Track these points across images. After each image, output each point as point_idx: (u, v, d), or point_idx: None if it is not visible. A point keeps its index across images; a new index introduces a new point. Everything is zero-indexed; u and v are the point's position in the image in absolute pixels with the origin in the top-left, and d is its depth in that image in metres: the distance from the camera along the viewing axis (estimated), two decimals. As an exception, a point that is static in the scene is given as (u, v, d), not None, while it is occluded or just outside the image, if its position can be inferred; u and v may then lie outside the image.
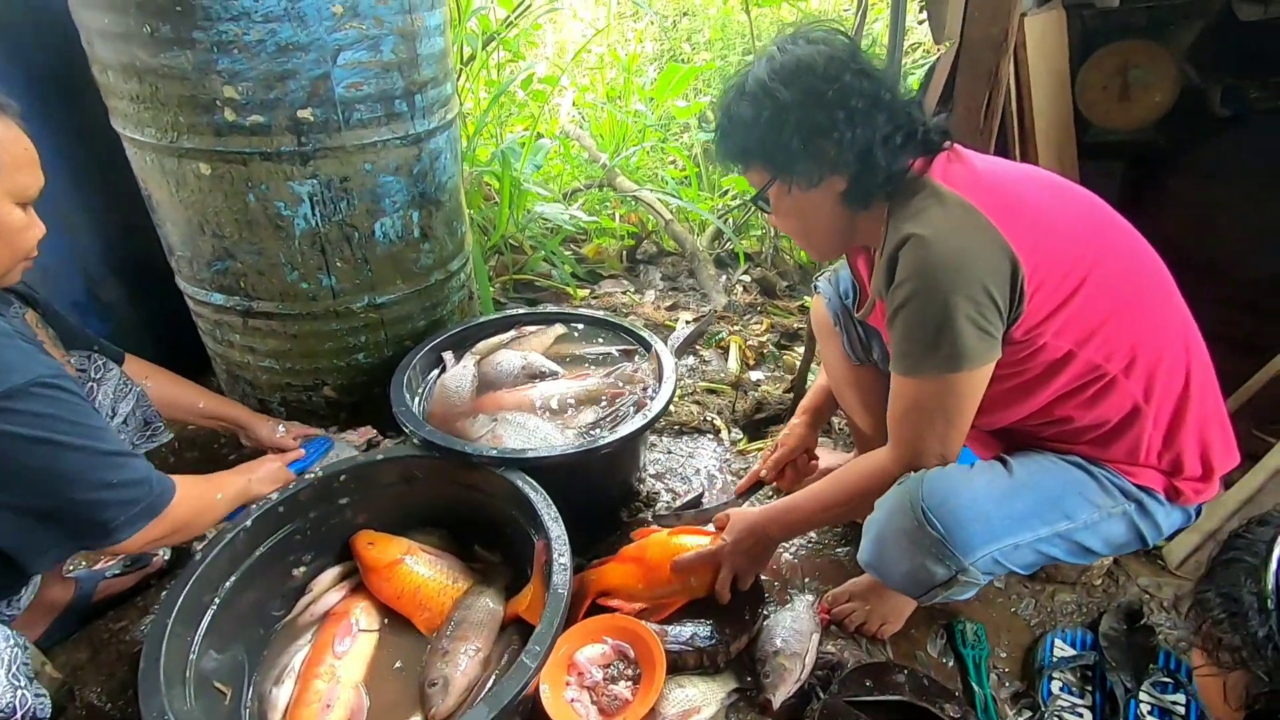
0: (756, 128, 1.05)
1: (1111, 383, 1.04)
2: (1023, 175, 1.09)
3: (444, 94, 1.68)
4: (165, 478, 1.14)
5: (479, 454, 1.38)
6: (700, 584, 1.38)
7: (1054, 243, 0.99)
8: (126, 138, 1.54)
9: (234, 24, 1.32)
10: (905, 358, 1.05)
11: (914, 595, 1.11)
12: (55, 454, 0.97)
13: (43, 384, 0.97)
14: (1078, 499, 1.07)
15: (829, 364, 1.56)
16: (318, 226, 1.57)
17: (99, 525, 1.04)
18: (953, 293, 0.95)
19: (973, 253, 0.95)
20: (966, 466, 1.09)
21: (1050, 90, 2.25)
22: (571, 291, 2.86)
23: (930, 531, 1.03)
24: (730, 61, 4.68)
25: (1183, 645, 1.40)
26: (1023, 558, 1.07)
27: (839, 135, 1.01)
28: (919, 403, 1.06)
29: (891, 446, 1.15)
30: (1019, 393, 1.09)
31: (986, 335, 0.98)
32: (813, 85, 1.01)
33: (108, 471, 1.03)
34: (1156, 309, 1.07)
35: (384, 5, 1.43)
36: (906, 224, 1.01)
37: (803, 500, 1.28)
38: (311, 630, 1.34)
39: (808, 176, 1.06)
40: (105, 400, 1.40)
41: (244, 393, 1.87)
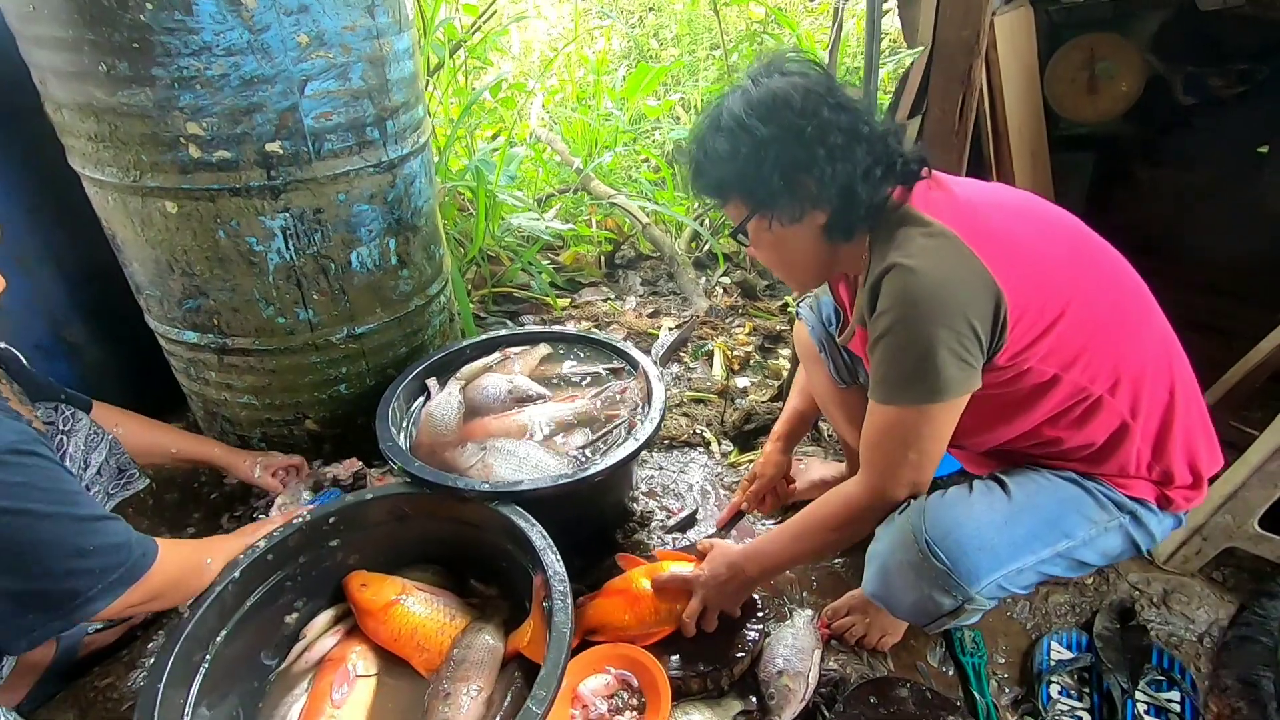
0: (734, 163, 1.03)
1: (1098, 403, 1.05)
2: (1001, 201, 1.09)
3: (416, 117, 1.64)
4: (146, 540, 1.09)
5: (471, 489, 1.36)
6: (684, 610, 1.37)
7: (1035, 271, 1.00)
8: (86, 177, 1.48)
9: (195, 59, 1.27)
10: (883, 385, 1.05)
11: (921, 624, 1.12)
12: (30, 524, 0.93)
13: (14, 452, 0.93)
14: (1075, 516, 1.08)
15: (815, 386, 1.57)
16: (292, 260, 1.52)
17: (73, 595, 0.99)
18: (935, 324, 0.95)
19: (956, 284, 0.95)
20: (965, 492, 1.10)
21: (1020, 87, 2.26)
22: (552, 302, 2.83)
23: (935, 564, 1.03)
24: (699, 57, 4.66)
25: (1174, 642, 1.43)
26: (1025, 580, 1.08)
27: (819, 171, 1.00)
28: (894, 430, 1.06)
29: (863, 474, 1.14)
30: (1007, 414, 1.09)
31: (966, 365, 0.98)
32: (791, 121, 0.99)
33: (83, 538, 0.99)
34: (1138, 326, 1.08)
35: (351, 32, 1.39)
36: (890, 253, 1.00)
37: (780, 536, 1.27)
38: (308, 678, 1.31)
39: (789, 212, 1.05)
40: (77, 452, 1.35)
41: (222, 429, 1.82)
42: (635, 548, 1.66)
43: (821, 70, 1.06)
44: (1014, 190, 1.14)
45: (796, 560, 1.30)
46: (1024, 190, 1.16)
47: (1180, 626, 1.46)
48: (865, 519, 1.17)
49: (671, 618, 1.37)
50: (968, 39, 1.85)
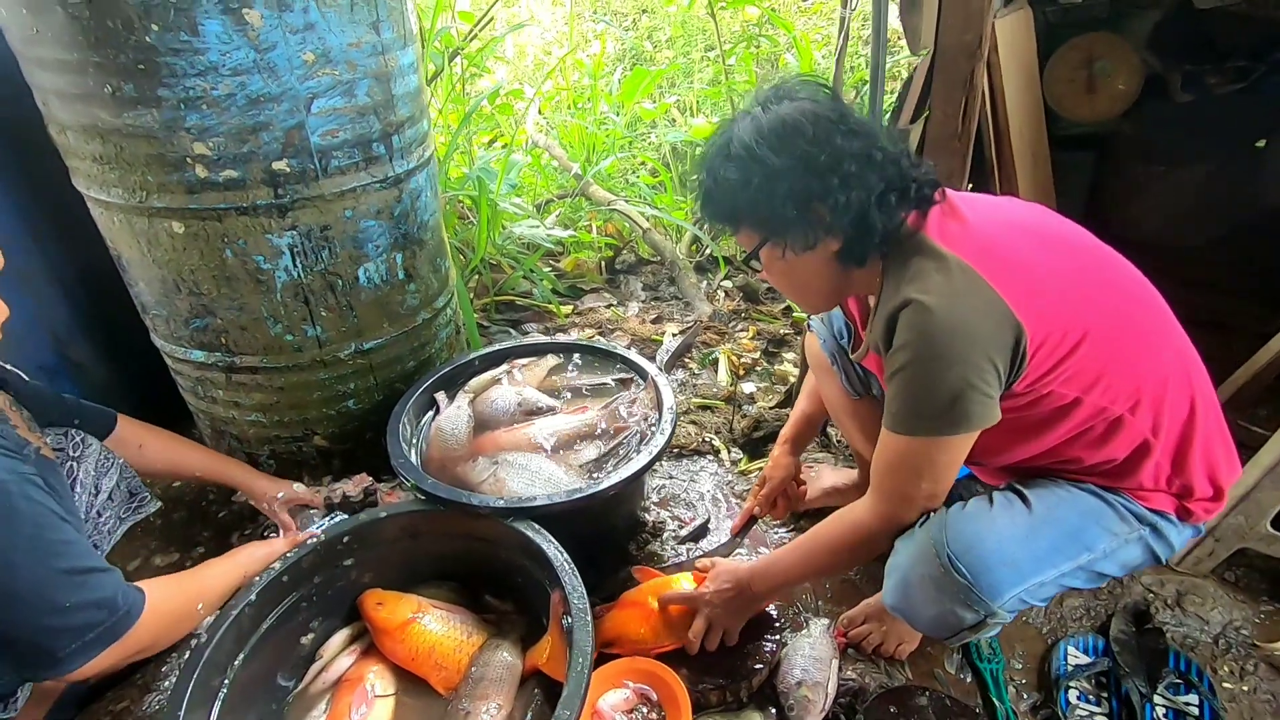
0: (746, 193, 1.01)
1: (1118, 422, 1.04)
2: (1016, 224, 1.07)
3: (421, 131, 1.64)
4: (134, 595, 1.05)
5: (486, 505, 1.36)
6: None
7: (1055, 299, 0.99)
8: (91, 198, 1.47)
9: (201, 79, 1.26)
10: (899, 416, 1.04)
11: (942, 638, 1.12)
12: (4, 574, 0.89)
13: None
14: (1096, 529, 1.08)
15: (828, 398, 1.56)
16: (300, 277, 1.52)
17: (45, 652, 0.95)
18: (956, 363, 0.95)
19: (976, 323, 0.94)
20: (986, 505, 1.09)
21: (1021, 88, 2.27)
22: (554, 309, 2.83)
23: (957, 578, 1.03)
24: (693, 59, 4.66)
25: (1189, 644, 1.44)
26: (1045, 592, 1.08)
27: (833, 200, 0.98)
28: (908, 460, 1.06)
29: (873, 498, 1.14)
30: (1026, 435, 1.09)
31: (986, 399, 0.97)
32: (804, 150, 0.98)
33: (62, 592, 0.95)
34: (1156, 341, 1.07)
35: (356, 49, 1.38)
36: (905, 286, 0.99)
37: (787, 555, 1.27)
38: (325, 699, 1.31)
39: (802, 241, 1.03)
40: (88, 478, 1.34)
41: (230, 447, 1.81)
42: (649, 559, 1.66)
43: (831, 93, 1.05)
44: (1026, 208, 1.13)
45: (803, 579, 1.29)
46: (1033, 203, 1.16)
47: (1195, 628, 1.46)
48: (874, 543, 1.17)
49: (687, 630, 1.37)
50: (970, 43, 1.85)
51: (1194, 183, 2.72)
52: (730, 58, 3.87)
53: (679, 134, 3.59)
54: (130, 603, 1.04)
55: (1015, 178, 2.26)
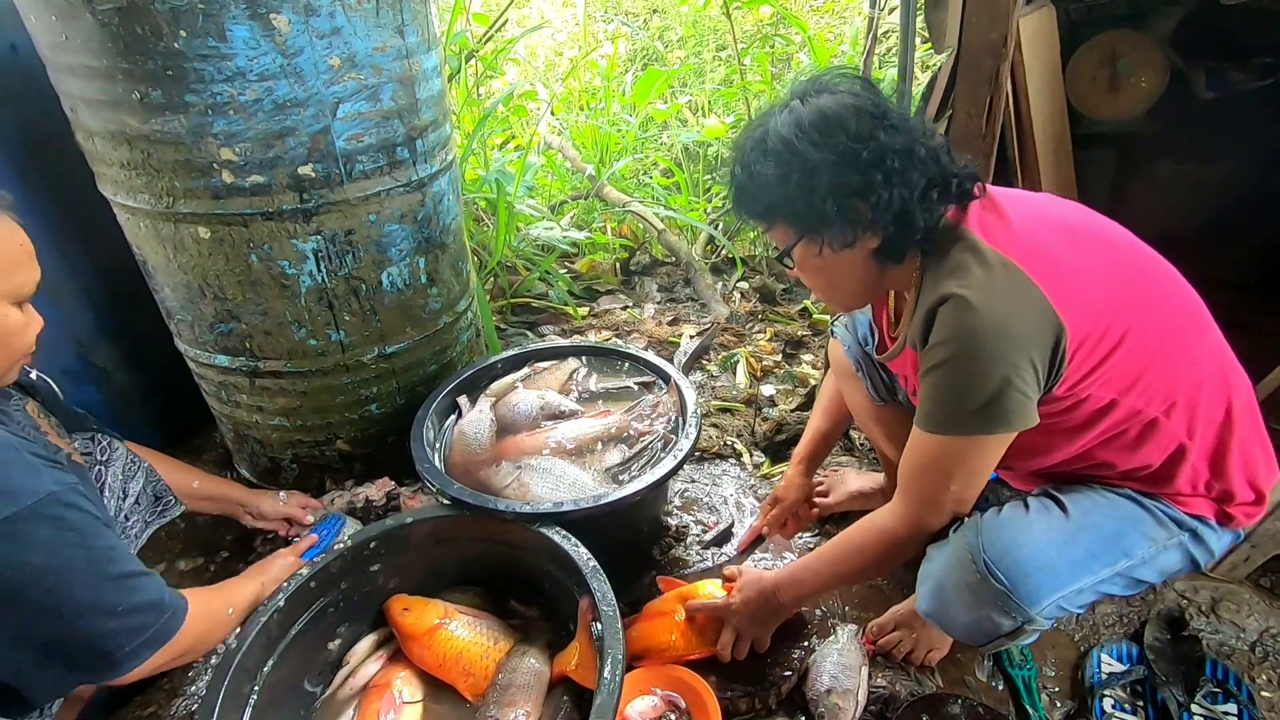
0: (784, 189, 0.99)
1: (1153, 424, 1.02)
2: (1056, 222, 1.05)
3: (444, 135, 1.63)
4: (178, 598, 1.07)
5: (513, 511, 1.35)
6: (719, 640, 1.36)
7: (1094, 300, 0.97)
8: (117, 204, 1.47)
9: (228, 85, 1.26)
10: (934, 416, 1.01)
11: (978, 644, 1.10)
12: (60, 581, 0.91)
13: (49, 503, 0.91)
14: (1135, 535, 1.06)
15: (853, 404, 1.55)
16: (324, 282, 1.51)
17: (101, 655, 0.97)
18: (996, 361, 0.92)
19: (1019, 320, 0.92)
20: (1022, 510, 1.08)
21: (1044, 87, 2.25)
22: (571, 311, 2.82)
23: (995, 585, 1.01)
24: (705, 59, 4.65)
25: (1225, 651, 1.42)
26: (1084, 599, 1.06)
27: (875, 197, 0.96)
28: (939, 461, 1.03)
29: (900, 503, 1.11)
30: (1060, 439, 1.07)
31: (1024, 399, 0.95)
32: (845, 145, 0.95)
33: (116, 596, 0.96)
34: (1194, 343, 1.05)
35: (382, 53, 1.38)
36: (945, 280, 0.97)
37: (813, 563, 1.25)
38: (353, 705, 1.30)
39: (840, 238, 1.01)
40: (115, 482, 1.34)
41: (253, 451, 1.81)
42: (673, 563, 1.65)
43: (871, 87, 1.02)
44: (1064, 204, 1.11)
45: (830, 588, 1.27)
46: (1070, 201, 1.14)
47: (1231, 635, 1.44)
48: (900, 550, 1.14)
49: (715, 637, 1.36)
50: (995, 42, 1.83)
51: (1219, 181, 2.68)
52: (745, 57, 3.85)
53: (692, 134, 3.58)
54: (175, 605, 1.05)
55: (1038, 177, 2.23)
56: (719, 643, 1.33)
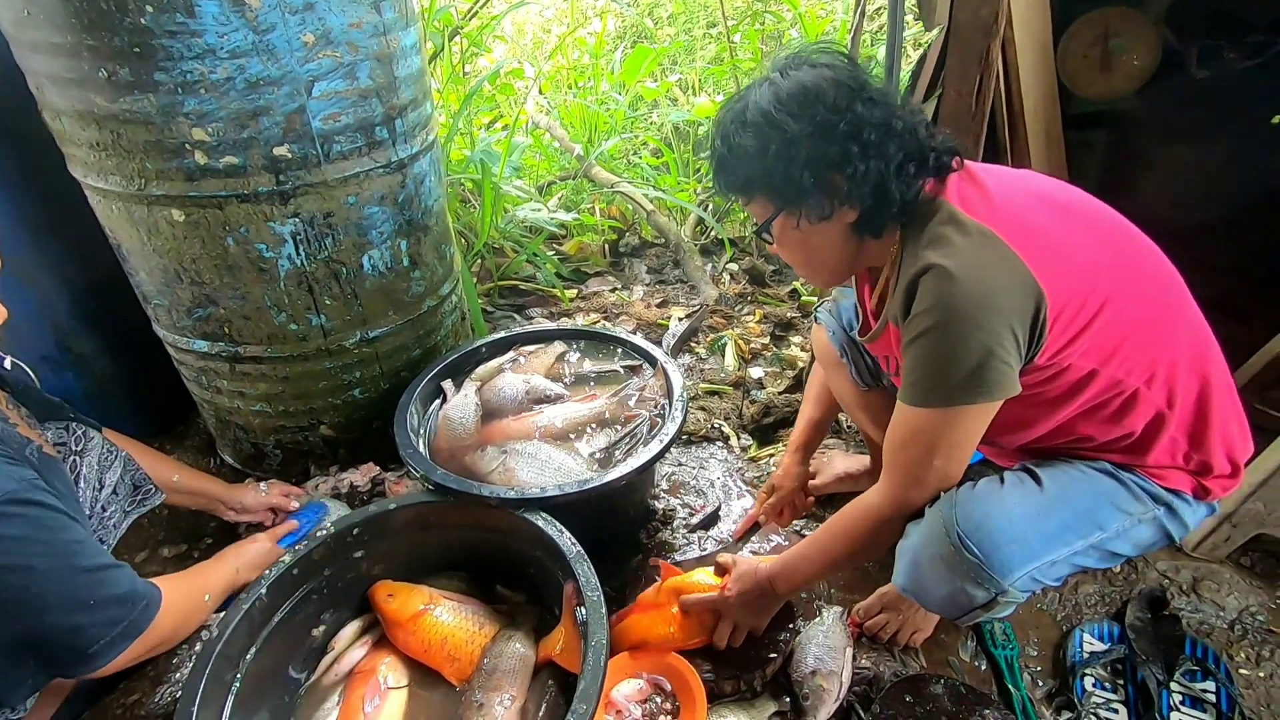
0: (762, 161, 0.99)
1: (1134, 396, 1.03)
2: (1035, 193, 1.05)
3: (424, 115, 1.60)
4: (151, 588, 1.07)
5: (496, 496, 1.34)
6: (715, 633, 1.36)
7: (1076, 268, 0.97)
8: (89, 186, 1.44)
9: (198, 63, 1.22)
10: (917, 388, 1.01)
11: (953, 618, 1.10)
12: (28, 580, 0.90)
13: (11, 502, 0.90)
14: (1109, 508, 1.07)
15: (838, 391, 1.54)
16: (303, 266, 1.49)
17: (76, 650, 0.96)
18: (977, 329, 0.92)
19: (999, 289, 0.92)
20: (996, 484, 1.08)
21: (1035, 66, 2.22)
22: (559, 293, 2.80)
23: (968, 556, 1.01)
24: (695, 36, 4.58)
25: (1205, 630, 1.43)
26: (1057, 572, 1.06)
27: (852, 169, 0.97)
28: (923, 435, 1.03)
29: (885, 481, 1.12)
30: (1042, 411, 1.07)
31: (1006, 368, 0.95)
32: (823, 117, 0.95)
33: (85, 590, 0.96)
34: (1173, 316, 1.05)
35: (358, 29, 1.34)
36: (925, 251, 0.97)
37: (806, 550, 1.25)
38: (338, 691, 1.30)
39: (817, 210, 1.01)
40: (90, 472, 1.32)
41: (236, 437, 1.79)
42: (660, 547, 1.65)
43: (850, 61, 1.02)
44: (1045, 179, 1.11)
45: (824, 574, 1.27)
46: (1051, 177, 1.13)
47: (1211, 614, 1.46)
48: (888, 528, 1.14)
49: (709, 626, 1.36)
50: (986, 19, 1.80)
51: (1210, 161, 2.67)
52: (735, 34, 3.80)
53: (682, 114, 3.54)
54: (149, 595, 1.04)
55: (1028, 157, 2.22)
56: (715, 635, 1.33)
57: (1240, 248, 2.51)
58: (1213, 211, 2.65)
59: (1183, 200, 2.70)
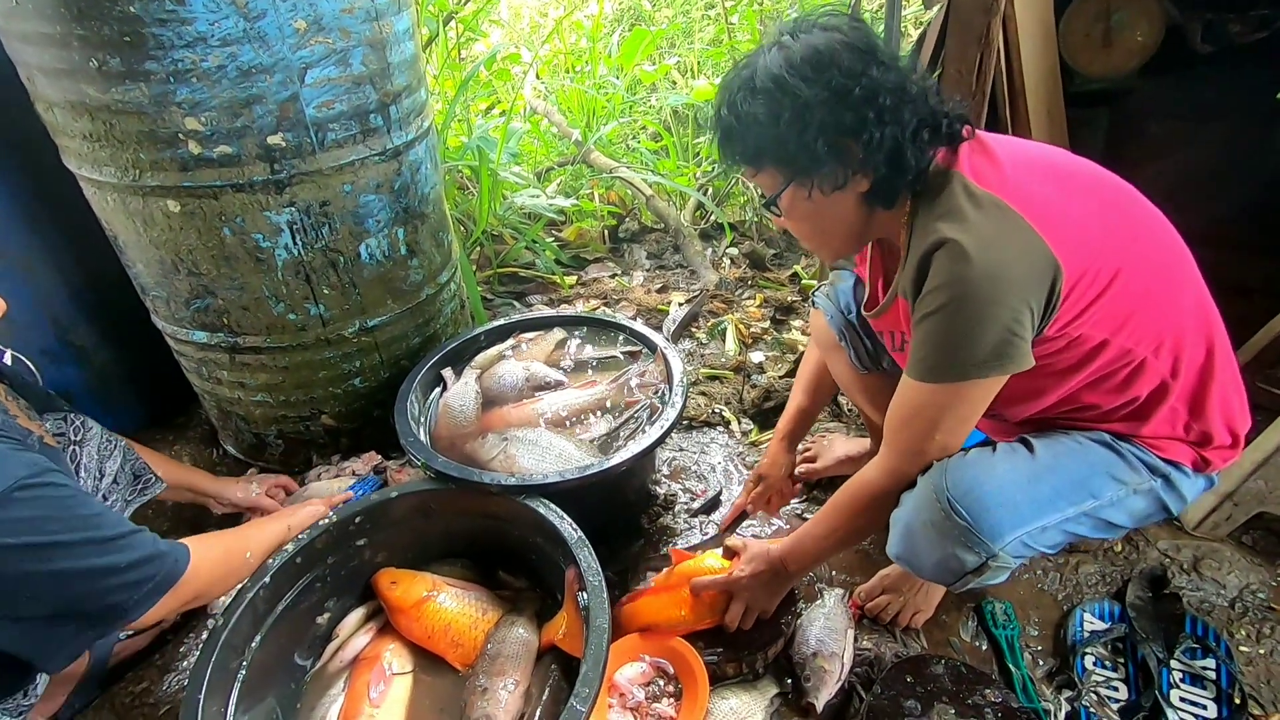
0: (774, 129, 0.95)
1: (1141, 365, 1.02)
2: (1046, 164, 1.04)
3: (419, 101, 1.59)
4: (176, 546, 1.09)
5: (498, 484, 1.34)
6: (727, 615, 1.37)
7: (1088, 239, 0.96)
8: (83, 178, 1.43)
9: (189, 51, 1.21)
10: (926, 363, 1.00)
11: (946, 584, 1.10)
12: (53, 556, 0.92)
13: (24, 486, 0.91)
14: (1103, 477, 1.07)
15: (837, 374, 1.54)
16: (300, 255, 1.48)
17: (112, 609, 1.00)
18: (993, 304, 0.91)
19: (1014, 263, 0.91)
20: (988, 451, 1.08)
21: (1037, 44, 2.19)
22: (558, 280, 2.79)
23: (957, 520, 1.01)
24: (693, 18, 4.53)
25: (1205, 608, 1.43)
26: (1050, 539, 1.06)
27: (868, 135, 0.93)
28: (928, 408, 1.03)
29: (884, 455, 1.12)
30: (1050, 381, 1.06)
31: (1021, 342, 0.94)
32: (838, 81, 0.92)
33: (113, 556, 0.98)
34: (1179, 286, 1.05)
35: (350, 15, 1.33)
36: (938, 224, 0.95)
37: (813, 529, 1.25)
38: (343, 678, 1.31)
39: (831, 180, 0.99)
40: (90, 461, 1.33)
41: (237, 428, 1.80)
42: (661, 532, 1.66)
43: (860, 24, 0.98)
44: (1052, 149, 1.09)
45: (832, 551, 1.27)
46: (1059, 147, 1.12)
47: (1212, 592, 1.46)
48: (886, 501, 1.14)
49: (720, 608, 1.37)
50: (986, -4, 1.78)
51: (1214, 138, 2.64)
52: (733, 15, 3.76)
53: (680, 97, 3.51)
54: (176, 553, 1.07)
55: (1030, 135, 2.20)
56: (728, 615, 1.33)
57: (1244, 224, 2.49)
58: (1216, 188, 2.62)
59: (1186, 177, 2.67)
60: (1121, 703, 1.28)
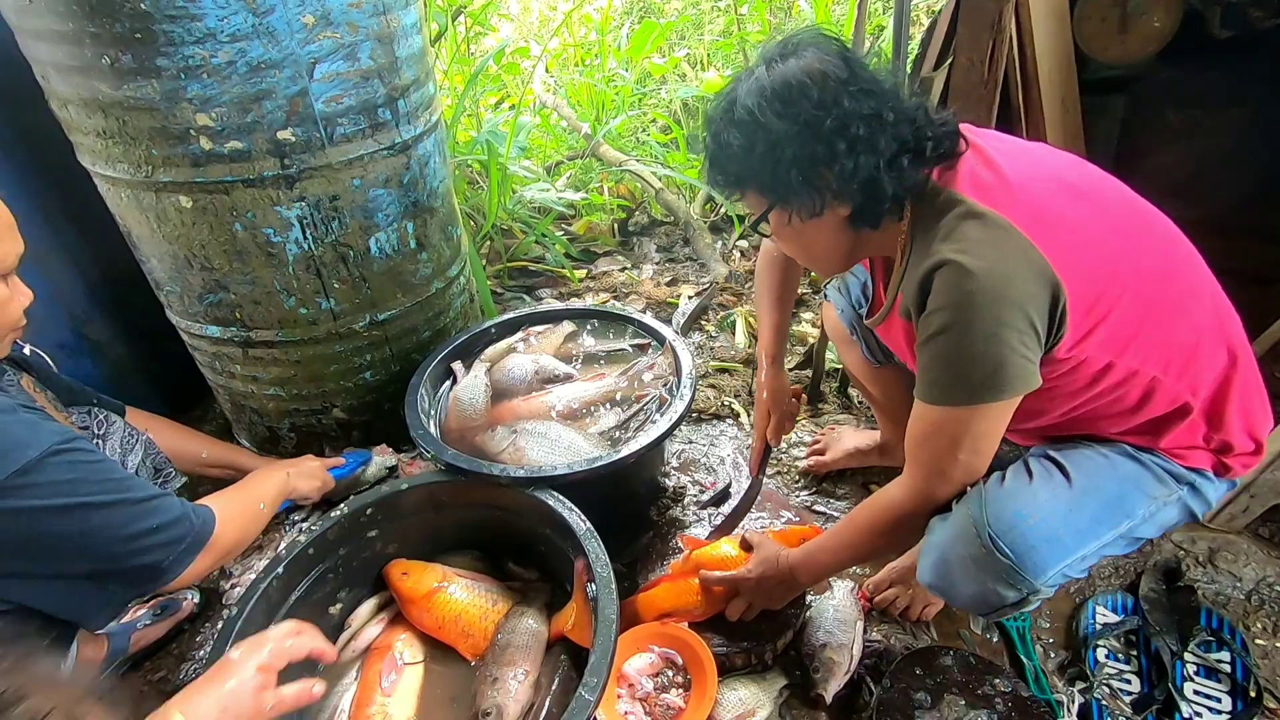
0: (749, 159, 0.97)
1: (1153, 383, 1.00)
2: (1051, 176, 1.01)
3: (427, 95, 1.59)
4: (201, 508, 1.14)
5: (506, 475, 1.35)
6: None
7: (1094, 256, 0.94)
8: (97, 174, 1.45)
9: (199, 47, 1.22)
10: (935, 385, 0.99)
11: (981, 614, 1.09)
12: (89, 516, 0.96)
13: (57, 451, 0.95)
14: (1136, 495, 1.05)
15: (850, 365, 1.53)
16: (311, 250, 1.49)
17: (149, 570, 1.04)
18: (997, 324, 0.90)
19: (1017, 282, 0.90)
20: (1025, 479, 1.05)
21: (1050, 31, 2.16)
22: (568, 274, 2.80)
23: (1000, 558, 0.99)
24: (703, 9, 4.51)
25: (1221, 600, 1.42)
26: (1086, 564, 1.04)
27: (839, 166, 0.94)
28: (944, 430, 1.01)
29: (909, 475, 1.10)
30: (1057, 402, 1.05)
31: (1027, 363, 0.93)
32: (809, 114, 0.92)
33: (145, 518, 1.03)
34: (1191, 296, 1.02)
35: (357, 9, 1.33)
36: (938, 245, 0.95)
37: (829, 543, 1.24)
38: (355, 668, 1.33)
39: (808, 207, 0.99)
40: (113, 455, 1.35)
41: (251, 421, 1.82)
42: (670, 524, 1.66)
43: (842, 48, 0.98)
44: (1060, 156, 1.07)
45: (845, 566, 1.26)
46: (1062, 150, 1.10)
47: (1227, 585, 1.44)
48: (911, 523, 1.13)
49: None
50: (998, -17, 1.76)
51: (1232, 125, 2.60)
52: (743, 6, 3.73)
53: (690, 89, 3.49)
54: (203, 514, 1.12)
55: (1044, 125, 2.17)
56: (729, 609, 1.34)
57: (1262, 211, 2.45)
58: (1235, 175, 2.58)
59: (1204, 164, 2.63)
60: (1134, 695, 1.27)
